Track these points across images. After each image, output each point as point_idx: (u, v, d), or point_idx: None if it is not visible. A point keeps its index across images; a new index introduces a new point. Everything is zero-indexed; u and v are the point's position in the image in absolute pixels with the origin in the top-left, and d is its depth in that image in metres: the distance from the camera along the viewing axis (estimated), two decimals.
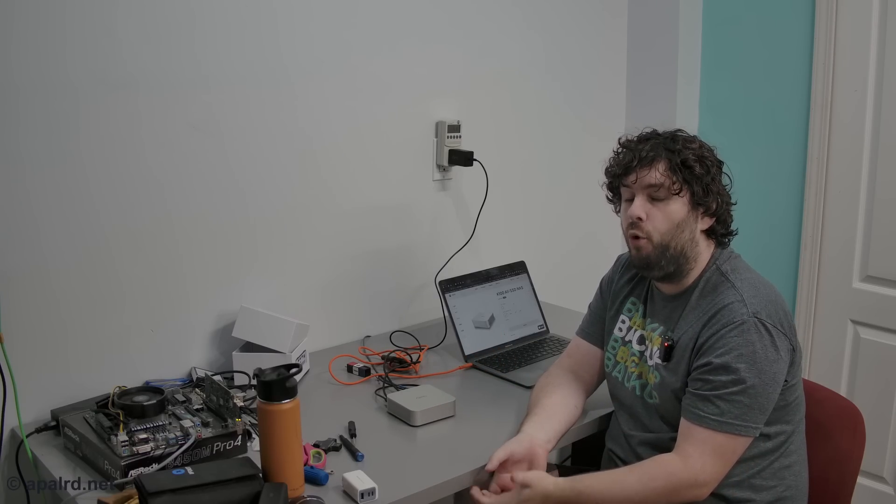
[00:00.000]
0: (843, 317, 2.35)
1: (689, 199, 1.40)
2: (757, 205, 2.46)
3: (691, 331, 1.41)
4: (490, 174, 2.22)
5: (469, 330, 2.00)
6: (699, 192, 1.40)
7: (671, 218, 1.40)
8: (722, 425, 1.32)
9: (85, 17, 1.58)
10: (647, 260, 1.42)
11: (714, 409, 1.33)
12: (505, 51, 2.33)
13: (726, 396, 1.32)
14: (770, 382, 1.33)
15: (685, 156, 1.39)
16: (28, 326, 1.59)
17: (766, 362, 1.32)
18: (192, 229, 1.80)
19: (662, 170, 1.40)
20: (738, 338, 1.33)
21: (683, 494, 1.34)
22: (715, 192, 1.42)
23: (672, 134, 1.46)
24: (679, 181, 1.39)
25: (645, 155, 1.41)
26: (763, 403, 1.33)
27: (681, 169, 1.39)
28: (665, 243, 1.40)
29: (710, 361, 1.34)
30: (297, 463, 1.30)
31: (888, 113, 2.18)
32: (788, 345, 1.37)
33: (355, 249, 2.11)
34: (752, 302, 1.36)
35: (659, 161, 1.40)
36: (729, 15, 2.51)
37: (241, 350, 1.81)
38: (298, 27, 1.90)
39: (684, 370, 1.41)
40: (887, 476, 2.30)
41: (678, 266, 1.43)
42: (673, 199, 1.40)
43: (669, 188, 1.39)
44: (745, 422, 1.33)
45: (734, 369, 1.32)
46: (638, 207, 1.41)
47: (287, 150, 1.93)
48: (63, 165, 1.60)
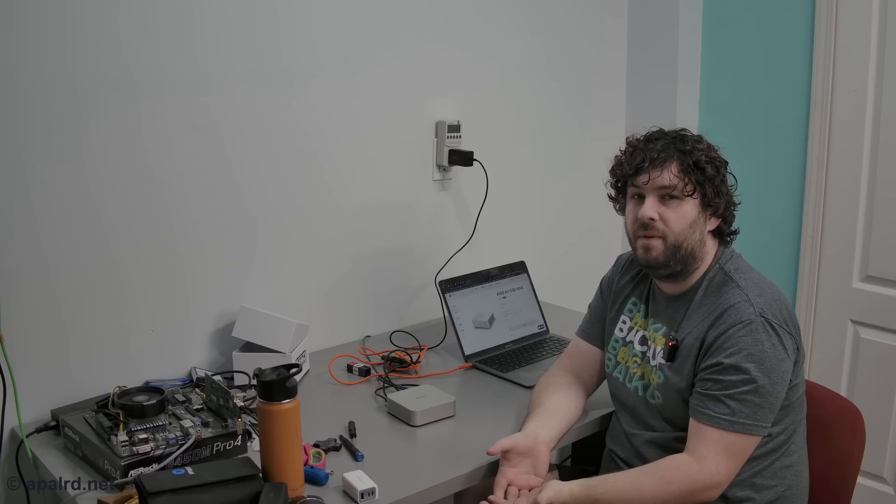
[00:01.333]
0: (843, 317, 2.35)
1: (700, 199, 1.41)
2: (757, 205, 2.46)
3: (696, 331, 1.41)
4: (490, 174, 2.22)
5: (469, 330, 2.00)
6: (710, 192, 1.40)
7: (685, 218, 1.40)
8: (734, 425, 1.32)
9: (85, 17, 1.58)
10: (656, 260, 1.42)
11: (725, 409, 1.33)
12: (505, 51, 2.33)
13: (737, 396, 1.32)
14: (779, 381, 1.34)
15: (697, 157, 1.39)
16: (28, 326, 1.59)
17: (774, 361, 1.33)
18: (192, 229, 1.80)
19: (675, 171, 1.39)
20: (746, 337, 1.33)
21: (699, 496, 1.34)
22: (724, 193, 1.43)
23: (680, 134, 1.45)
24: (692, 182, 1.39)
25: (657, 156, 1.40)
26: (772, 402, 1.34)
27: (693, 170, 1.39)
28: (678, 244, 1.40)
29: (719, 362, 1.34)
30: (297, 463, 1.30)
31: (888, 113, 2.18)
32: (793, 343, 1.37)
33: (355, 249, 2.11)
34: (757, 301, 1.36)
35: (671, 162, 1.40)
36: (729, 15, 2.51)
37: (241, 350, 1.81)
38: (299, 27, 1.90)
39: (689, 370, 1.41)
40: (887, 476, 2.30)
41: (685, 266, 1.43)
42: (686, 199, 1.40)
43: (683, 189, 1.39)
44: (756, 421, 1.33)
45: (744, 369, 1.32)
46: (650, 208, 1.40)
47: (287, 150, 1.93)
48: (63, 165, 1.60)
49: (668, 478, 1.34)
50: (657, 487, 1.33)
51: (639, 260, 1.47)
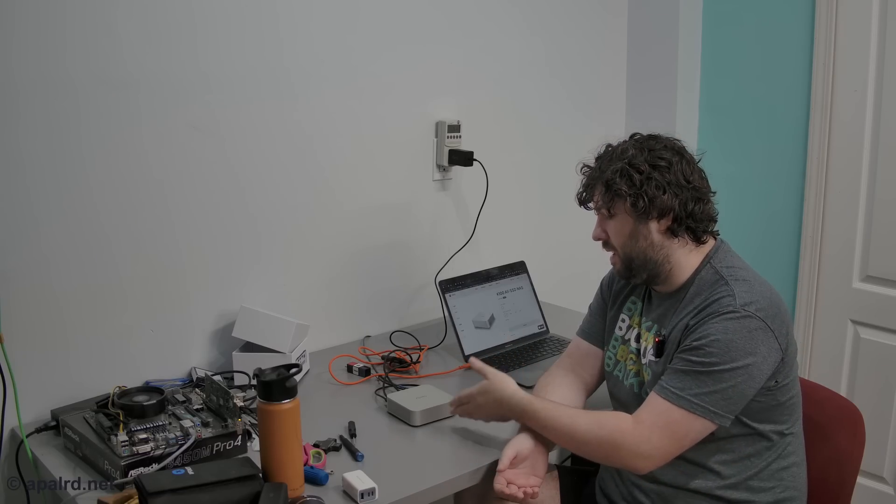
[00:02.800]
0: (843, 317, 2.35)
1: (628, 210, 1.43)
2: (757, 205, 2.46)
3: (681, 324, 1.41)
4: (490, 174, 2.22)
5: (469, 330, 2.00)
6: (635, 201, 1.42)
7: (621, 232, 1.46)
8: (679, 399, 1.32)
9: (85, 17, 1.58)
10: (620, 272, 1.52)
11: (677, 383, 1.34)
12: (505, 51, 2.34)
13: (691, 373, 1.33)
14: (741, 373, 1.31)
15: (607, 177, 1.44)
16: (28, 326, 1.59)
17: (740, 353, 1.31)
18: (192, 229, 1.80)
19: (599, 194, 1.48)
20: (718, 324, 1.33)
21: (624, 457, 1.35)
22: (654, 195, 1.41)
23: (611, 151, 1.49)
24: (608, 200, 1.45)
25: (583, 190, 1.52)
26: (728, 391, 1.32)
27: (610, 187, 1.44)
28: (627, 255, 1.47)
29: (688, 343, 1.36)
30: (297, 463, 1.31)
31: (888, 113, 2.18)
32: (775, 343, 1.34)
33: (355, 249, 2.11)
34: (742, 296, 1.35)
35: (596, 186, 1.48)
36: (729, 15, 2.51)
37: (241, 350, 1.81)
38: (299, 27, 1.90)
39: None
40: (887, 476, 2.30)
41: (651, 272, 1.46)
42: (615, 216, 1.45)
43: (606, 207, 1.46)
44: (704, 403, 1.31)
45: (707, 351, 1.32)
46: (595, 230, 1.52)
47: (287, 149, 1.93)
48: (63, 165, 1.60)
49: (601, 422, 1.39)
50: (588, 425, 1.39)
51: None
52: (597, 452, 1.40)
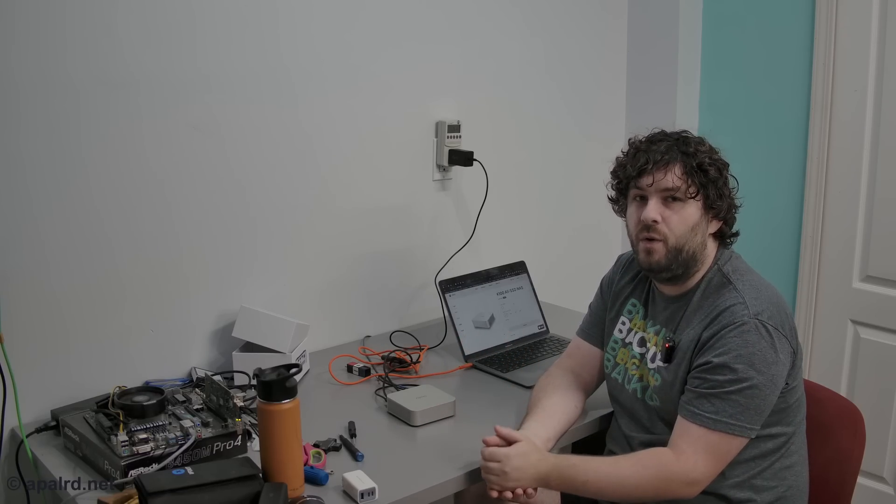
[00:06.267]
0: (843, 317, 2.35)
1: (702, 202, 1.41)
2: (757, 205, 2.45)
3: (693, 332, 1.41)
4: (490, 174, 2.22)
5: (469, 330, 2.00)
6: (713, 195, 1.40)
7: (687, 221, 1.40)
8: (716, 423, 1.32)
9: (85, 17, 1.58)
10: (658, 263, 1.42)
11: (710, 408, 1.33)
12: (505, 51, 2.33)
13: (723, 395, 1.32)
14: (768, 384, 1.33)
15: (700, 159, 1.39)
16: (28, 326, 1.59)
17: (764, 364, 1.32)
18: (192, 229, 1.80)
19: (679, 173, 1.39)
20: (737, 338, 1.33)
21: (674, 488, 1.34)
22: (726, 196, 1.43)
23: (682, 136, 1.45)
24: (695, 185, 1.39)
25: (660, 158, 1.40)
26: (759, 405, 1.33)
27: (696, 172, 1.39)
28: (679, 246, 1.40)
29: (709, 360, 1.35)
30: (297, 463, 1.31)
31: (888, 113, 2.18)
32: (789, 347, 1.36)
33: (355, 249, 2.11)
34: (753, 304, 1.36)
35: (675, 164, 1.40)
36: (729, 15, 2.51)
37: (241, 350, 1.81)
38: (299, 27, 1.90)
39: (685, 370, 1.41)
40: (887, 476, 2.30)
41: (686, 269, 1.43)
42: (689, 202, 1.40)
43: (686, 191, 1.39)
44: (740, 422, 1.32)
45: (732, 369, 1.32)
46: (653, 210, 1.40)
47: (287, 149, 1.93)
48: (63, 165, 1.60)
49: (644, 462, 1.36)
50: (633, 469, 1.36)
51: (640, 263, 1.47)
52: (646, 492, 1.35)
